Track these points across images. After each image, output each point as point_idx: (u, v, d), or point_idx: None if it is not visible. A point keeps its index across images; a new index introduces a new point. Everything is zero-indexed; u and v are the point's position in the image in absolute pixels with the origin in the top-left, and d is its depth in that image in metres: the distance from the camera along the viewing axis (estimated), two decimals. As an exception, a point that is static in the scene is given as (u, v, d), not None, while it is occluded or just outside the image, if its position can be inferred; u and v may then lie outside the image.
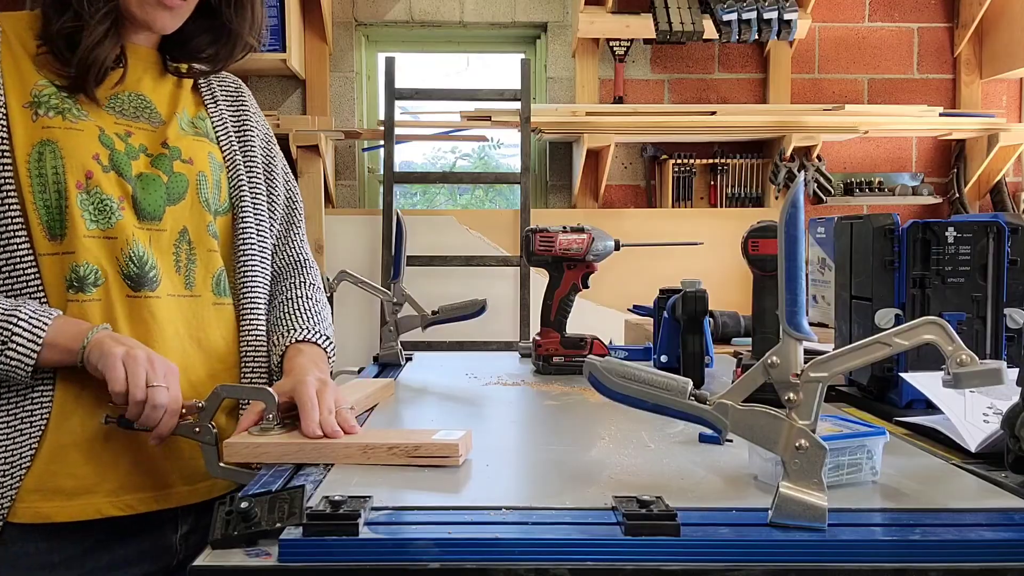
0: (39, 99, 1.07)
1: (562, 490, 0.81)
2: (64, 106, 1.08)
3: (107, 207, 1.07)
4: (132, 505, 1.07)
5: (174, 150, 1.16)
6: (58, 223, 1.05)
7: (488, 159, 4.25)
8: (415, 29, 3.86)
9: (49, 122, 1.06)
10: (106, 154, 1.09)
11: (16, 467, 1.02)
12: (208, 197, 1.18)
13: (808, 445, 0.71)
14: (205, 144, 1.20)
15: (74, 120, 1.08)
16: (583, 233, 1.50)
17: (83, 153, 1.06)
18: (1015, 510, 0.75)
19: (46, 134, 1.05)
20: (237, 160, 1.23)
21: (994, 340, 1.17)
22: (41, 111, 1.06)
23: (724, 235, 3.22)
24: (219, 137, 1.23)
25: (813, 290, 2.59)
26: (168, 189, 1.13)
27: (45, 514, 1.02)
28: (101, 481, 1.05)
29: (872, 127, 3.62)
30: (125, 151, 1.11)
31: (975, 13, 3.73)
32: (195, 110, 1.23)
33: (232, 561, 0.65)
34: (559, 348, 1.50)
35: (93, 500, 1.04)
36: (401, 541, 0.66)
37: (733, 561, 0.65)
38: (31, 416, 1.03)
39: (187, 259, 1.15)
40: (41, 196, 1.05)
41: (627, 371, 0.77)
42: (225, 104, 1.27)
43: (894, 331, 0.74)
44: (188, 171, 1.16)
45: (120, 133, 1.12)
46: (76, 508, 1.04)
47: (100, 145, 1.08)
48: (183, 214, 1.15)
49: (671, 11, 3.45)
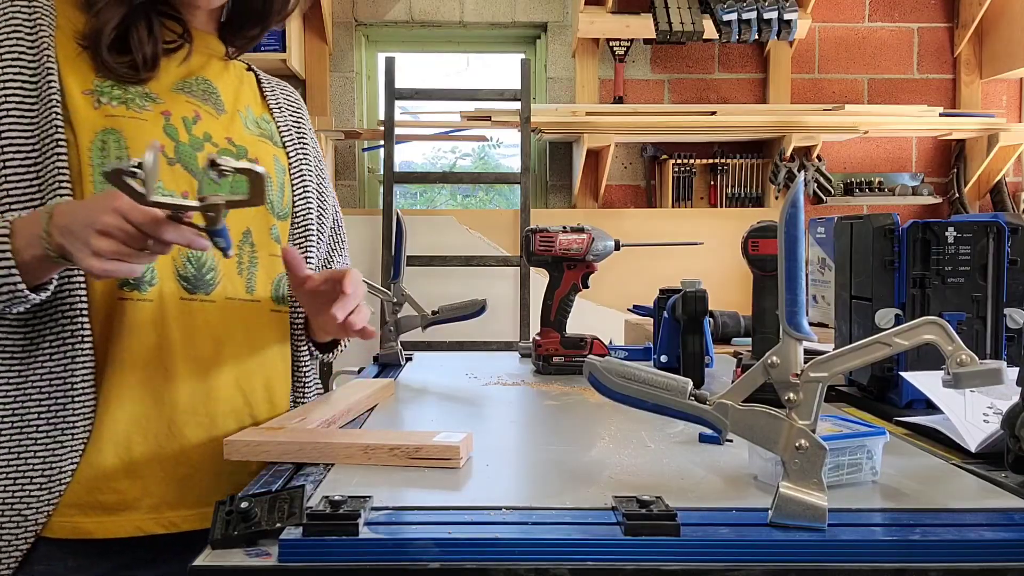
0: (101, 88, 1.01)
1: (562, 490, 0.81)
2: (127, 96, 1.02)
3: None
4: (175, 523, 1.01)
5: (241, 149, 1.12)
6: None
7: (488, 159, 4.25)
8: (415, 29, 3.86)
9: (113, 111, 1.01)
10: (171, 146, 1.03)
11: (56, 482, 0.96)
12: (272, 199, 1.14)
13: (808, 445, 0.71)
14: (270, 147, 1.17)
15: (138, 110, 1.02)
16: (583, 233, 1.50)
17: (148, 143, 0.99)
18: (1015, 510, 0.75)
19: (110, 123, 1.00)
20: (302, 166, 1.21)
21: (994, 340, 1.17)
22: (104, 99, 1.01)
23: (724, 235, 3.22)
24: (285, 142, 1.20)
25: (813, 290, 2.59)
26: (232, 189, 1.08)
27: (85, 530, 0.97)
28: (143, 496, 0.99)
29: (872, 127, 3.62)
30: (190, 142, 1.05)
31: (975, 13, 3.73)
32: (260, 111, 1.20)
33: (232, 561, 0.65)
34: (559, 348, 1.50)
35: (133, 516, 0.99)
36: (401, 541, 0.66)
37: (733, 561, 0.65)
38: (73, 428, 0.97)
39: (249, 261, 1.11)
40: (102, 188, 0.97)
41: (627, 371, 0.77)
42: (288, 112, 1.24)
43: (894, 331, 0.74)
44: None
45: (188, 116, 1.07)
46: (115, 524, 0.98)
47: (165, 136, 1.03)
48: (247, 214, 1.10)
49: (671, 11, 3.45)
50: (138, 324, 1.00)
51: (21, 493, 0.95)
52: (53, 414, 0.96)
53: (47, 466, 0.96)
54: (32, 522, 0.95)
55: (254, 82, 1.22)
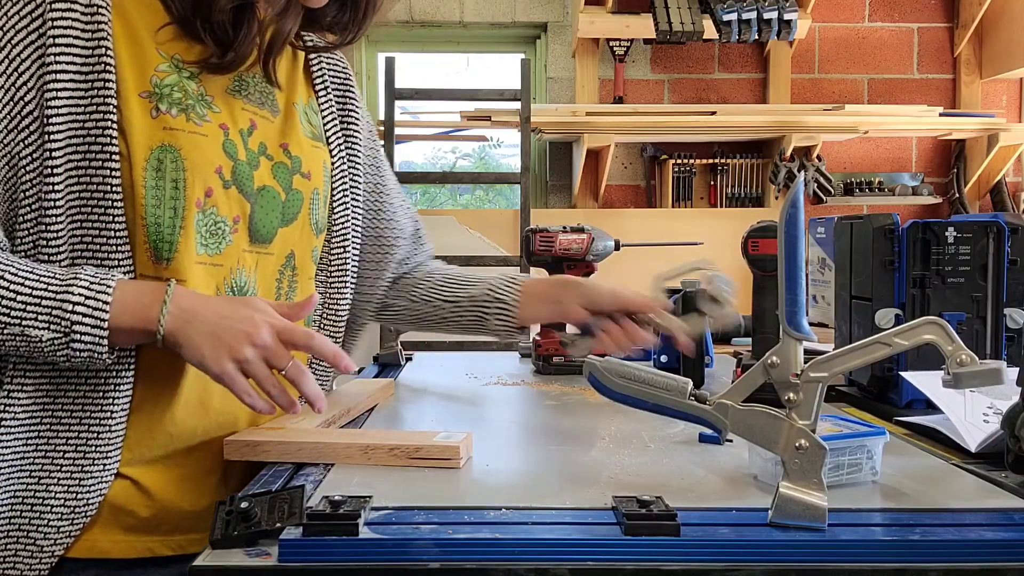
0: (160, 90, 0.90)
1: (562, 490, 0.81)
2: (188, 101, 0.92)
3: (220, 230, 0.94)
4: (183, 546, 0.97)
5: (295, 160, 1.02)
6: (168, 245, 0.90)
7: (488, 159, 4.25)
8: (415, 29, 3.86)
9: (172, 122, 0.90)
10: (229, 166, 0.94)
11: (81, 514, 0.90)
12: (318, 217, 1.06)
13: (808, 445, 0.71)
14: (321, 152, 1.08)
15: (198, 122, 0.92)
16: (583, 233, 1.50)
17: (207, 165, 0.92)
18: (1015, 510, 0.75)
19: (168, 137, 0.89)
20: (343, 168, 1.11)
21: (994, 340, 1.17)
22: (163, 106, 0.90)
23: (724, 235, 3.21)
24: (329, 136, 1.10)
25: (813, 290, 2.59)
26: (284, 208, 1.01)
27: (102, 549, 0.93)
28: (160, 524, 0.96)
29: (872, 127, 3.62)
30: (247, 160, 0.96)
31: (975, 13, 3.73)
32: (308, 96, 1.09)
33: (232, 561, 0.65)
34: (559, 348, 1.50)
35: (147, 539, 0.95)
36: (401, 541, 0.66)
37: (733, 561, 0.65)
38: (106, 458, 0.90)
39: (288, 287, 1.03)
40: (154, 212, 0.89)
41: (627, 371, 0.77)
42: (335, 92, 1.12)
43: (894, 331, 0.74)
44: (305, 188, 1.03)
45: (244, 129, 0.97)
46: (129, 545, 0.94)
47: (223, 155, 0.94)
48: (293, 236, 1.02)
49: (671, 11, 3.45)
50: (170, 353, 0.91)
51: (41, 523, 0.89)
52: (84, 442, 0.89)
53: (72, 495, 0.89)
54: (49, 553, 0.90)
55: (303, 63, 1.11)
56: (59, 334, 0.82)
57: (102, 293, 0.83)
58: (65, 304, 0.82)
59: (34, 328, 0.82)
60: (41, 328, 0.82)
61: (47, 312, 0.82)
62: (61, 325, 0.82)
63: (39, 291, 0.82)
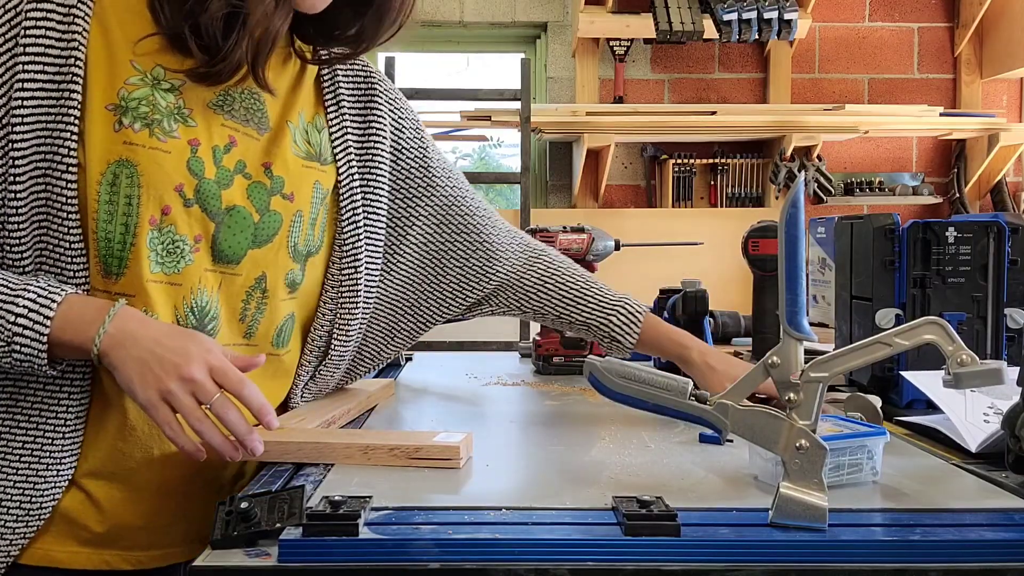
0: (126, 103, 0.88)
1: (562, 490, 0.81)
2: (155, 116, 0.89)
3: (178, 249, 0.91)
4: (142, 561, 0.96)
5: (276, 181, 0.98)
6: (117, 260, 0.89)
7: (488, 159, 4.26)
8: (415, 29, 3.86)
9: (133, 136, 0.88)
10: (192, 185, 0.91)
11: (35, 516, 0.90)
12: (297, 241, 1.01)
13: (808, 445, 0.71)
14: (314, 171, 1.02)
15: (163, 137, 0.89)
16: (583, 233, 1.50)
17: (164, 183, 0.89)
18: (1015, 510, 0.75)
19: (127, 152, 0.87)
20: (355, 187, 1.06)
21: (994, 340, 1.17)
22: (126, 120, 0.88)
23: (724, 235, 3.22)
24: (337, 155, 1.05)
25: (813, 290, 2.59)
26: (257, 231, 0.97)
27: (56, 559, 0.93)
28: (117, 538, 0.95)
29: (872, 127, 3.62)
30: (216, 178, 0.93)
31: (975, 13, 3.74)
32: (314, 111, 1.04)
33: (232, 561, 0.65)
34: (559, 348, 1.50)
35: (103, 552, 0.95)
36: (401, 541, 0.66)
37: (733, 561, 0.65)
38: (59, 464, 0.90)
39: (256, 308, 0.99)
40: (105, 226, 0.88)
41: (627, 371, 0.77)
42: (350, 104, 1.07)
43: (894, 331, 0.74)
44: (285, 210, 0.99)
45: (221, 145, 0.94)
46: (86, 557, 0.94)
47: (187, 173, 0.91)
48: (266, 259, 0.98)
49: (671, 11, 3.45)
50: None
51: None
52: (39, 447, 0.90)
53: (27, 499, 0.90)
54: (4, 554, 0.90)
55: (314, 71, 1.06)
56: (1, 342, 0.83)
57: (46, 307, 0.83)
58: (8, 315, 0.83)
59: None
60: None
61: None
62: (3, 335, 0.83)
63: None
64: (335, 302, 1.07)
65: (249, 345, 1.00)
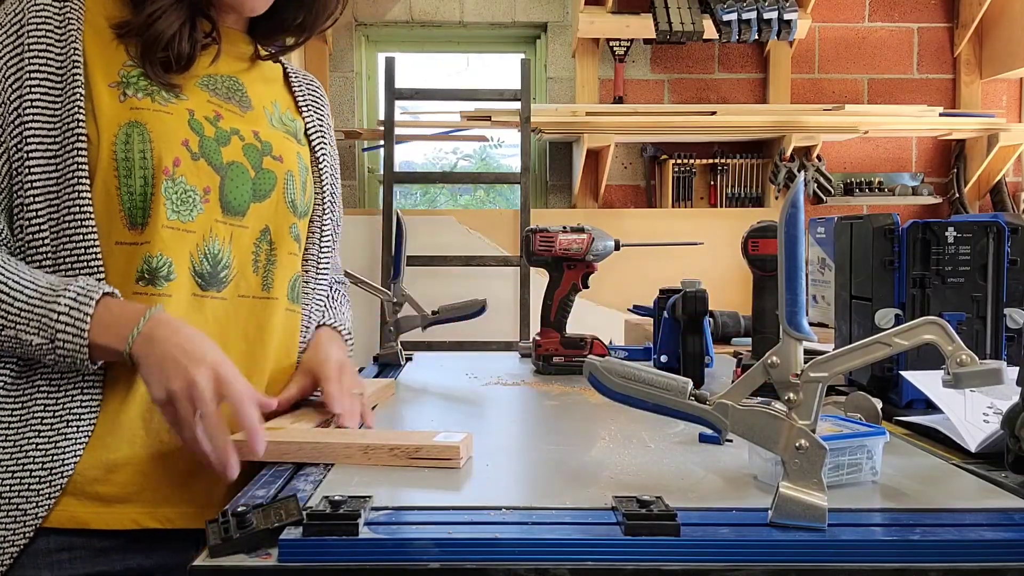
0: (127, 79, 1.01)
1: (562, 490, 0.81)
2: (153, 88, 1.02)
3: (190, 199, 1.01)
4: (171, 519, 0.99)
5: (265, 144, 1.10)
6: (140, 211, 0.98)
7: (489, 159, 4.26)
8: (415, 29, 3.86)
9: (138, 103, 1.00)
10: (195, 140, 1.02)
11: (58, 474, 0.94)
12: (295, 198, 1.12)
13: (808, 445, 0.71)
14: (294, 144, 1.15)
15: (163, 103, 1.01)
16: (583, 233, 1.50)
17: (173, 137, 1.00)
18: (1015, 510, 0.75)
19: (135, 115, 0.99)
20: (324, 165, 1.20)
21: (994, 340, 1.17)
22: (130, 91, 1.00)
23: (724, 235, 3.22)
24: (311, 138, 1.20)
25: (813, 290, 2.59)
26: (255, 185, 1.07)
27: (82, 520, 0.96)
28: (142, 491, 0.98)
29: (872, 127, 3.62)
30: (215, 136, 1.04)
31: (975, 13, 3.74)
32: (287, 108, 1.19)
33: (232, 561, 0.66)
34: (559, 348, 1.50)
35: (130, 510, 0.97)
36: (401, 541, 0.66)
37: (733, 561, 0.65)
38: (79, 420, 0.95)
39: (267, 260, 1.09)
40: (126, 181, 0.98)
41: (627, 371, 0.77)
42: (314, 108, 1.24)
43: (894, 331, 0.74)
44: (277, 168, 1.10)
45: (209, 116, 1.05)
46: (112, 516, 0.97)
47: (189, 130, 1.02)
48: (267, 212, 1.09)
49: (671, 11, 3.45)
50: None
51: (21, 487, 0.93)
52: (60, 406, 0.95)
53: (49, 459, 0.94)
54: (32, 516, 0.94)
55: (281, 77, 1.21)
56: (46, 340, 0.91)
57: (85, 305, 0.91)
58: (51, 313, 0.91)
59: (26, 332, 0.91)
60: (32, 333, 0.91)
61: (37, 319, 0.91)
62: (47, 332, 0.91)
63: (34, 299, 0.92)
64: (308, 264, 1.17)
65: (269, 298, 1.09)
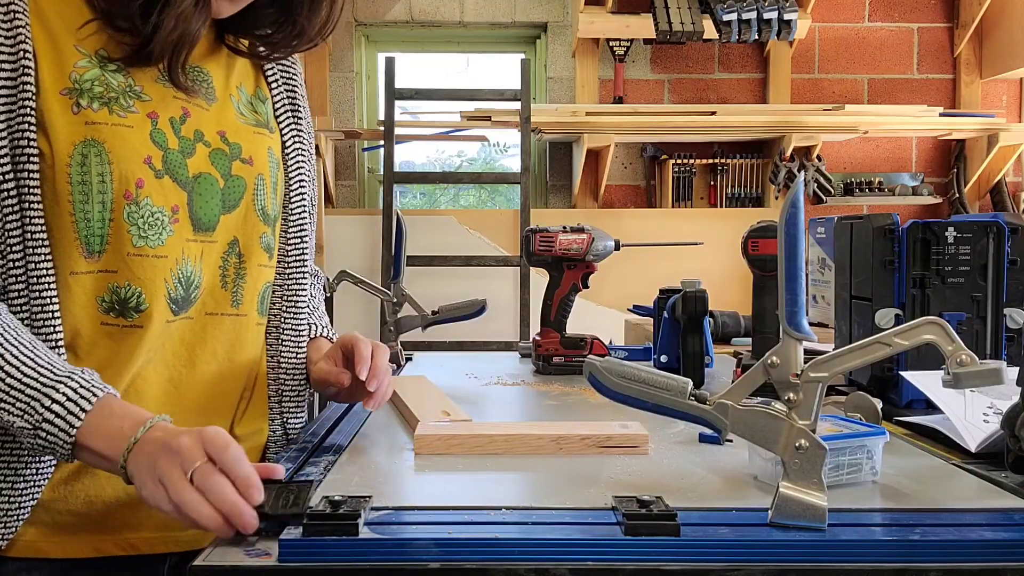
0: (80, 85, 0.89)
1: (562, 490, 0.81)
2: (110, 94, 0.91)
3: (158, 221, 0.92)
4: (135, 545, 0.96)
5: (234, 147, 1.01)
6: (98, 238, 0.90)
7: (490, 160, 4.26)
8: (415, 29, 3.86)
9: (94, 116, 0.89)
10: (159, 156, 0.93)
11: (14, 517, 0.89)
12: (265, 204, 1.04)
13: (808, 445, 0.71)
14: (265, 137, 1.05)
15: (122, 113, 0.91)
16: (583, 233, 1.50)
17: (133, 157, 0.90)
18: (1015, 510, 0.75)
19: (91, 132, 0.88)
20: (297, 153, 1.10)
21: (994, 340, 1.17)
22: (84, 101, 0.89)
23: (724, 235, 3.22)
24: (280, 122, 1.09)
25: (813, 290, 2.59)
26: (224, 195, 0.99)
27: (41, 549, 0.92)
28: (104, 519, 0.94)
29: (872, 127, 3.62)
30: (179, 148, 0.95)
31: (975, 13, 3.73)
32: (254, 87, 1.08)
33: (232, 560, 0.66)
34: (559, 348, 1.50)
35: (92, 538, 0.94)
36: (401, 541, 0.66)
37: (733, 561, 0.65)
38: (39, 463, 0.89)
39: (235, 273, 1.01)
40: (83, 207, 0.88)
41: (627, 371, 0.77)
42: (283, 81, 1.12)
43: (894, 331, 0.74)
44: (247, 174, 1.01)
45: (176, 117, 0.96)
46: (73, 545, 0.93)
47: (152, 145, 0.92)
48: (235, 223, 1.00)
49: (671, 11, 3.45)
50: (120, 351, 0.92)
51: None
52: (17, 445, 0.88)
53: (5, 499, 0.88)
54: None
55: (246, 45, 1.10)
56: (29, 425, 0.80)
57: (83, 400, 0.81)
58: (44, 399, 0.80)
59: (9, 413, 0.81)
60: (16, 415, 0.81)
61: (25, 402, 0.80)
62: (33, 418, 0.80)
63: (29, 378, 0.81)
64: (284, 275, 1.08)
65: (239, 315, 1.02)
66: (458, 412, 1.09)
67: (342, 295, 3.32)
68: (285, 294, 1.09)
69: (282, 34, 1.05)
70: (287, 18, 1.04)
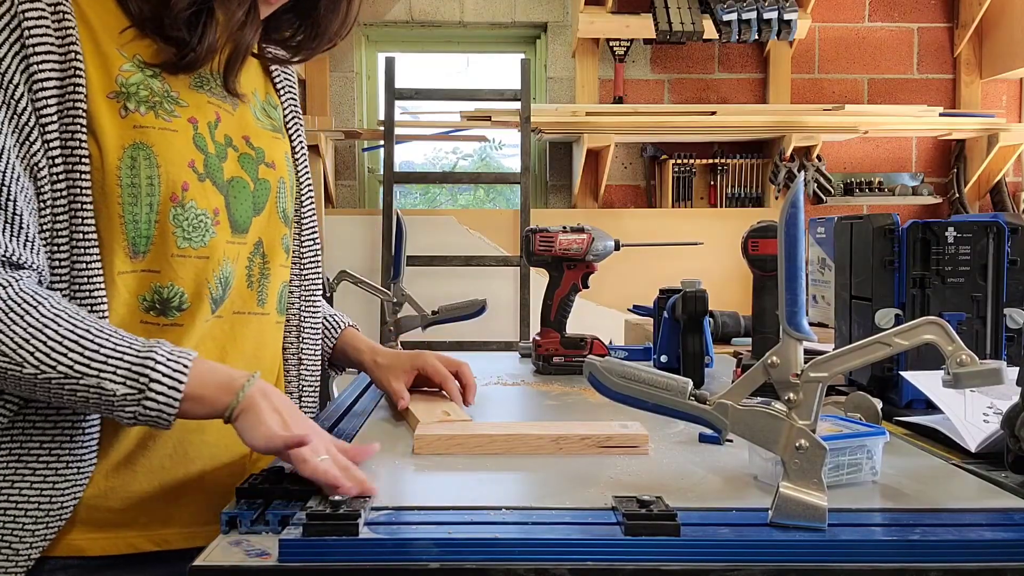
0: (127, 89, 0.91)
1: (562, 490, 0.81)
2: (155, 99, 0.93)
3: (202, 223, 0.95)
4: (167, 540, 0.97)
5: (259, 152, 1.04)
6: (144, 239, 0.92)
7: (489, 159, 4.26)
8: (415, 29, 3.86)
9: (141, 120, 0.91)
10: (201, 160, 0.95)
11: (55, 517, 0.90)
12: (285, 206, 1.08)
13: (808, 445, 0.71)
14: (281, 142, 1.09)
15: (167, 118, 0.93)
16: (583, 233, 1.50)
17: (179, 161, 0.93)
18: (1015, 510, 0.75)
19: (139, 135, 0.90)
20: (304, 158, 1.15)
21: (994, 340, 1.17)
22: (131, 105, 0.91)
23: (724, 235, 3.22)
24: (290, 132, 1.14)
25: (813, 290, 2.59)
26: (254, 198, 1.02)
27: (78, 547, 0.93)
28: (138, 516, 0.96)
29: (872, 127, 3.62)
30: (216, 152, 0.98)
31: (975, 13, 3.73)
32: (265, 93, 1.11)
33: (232, 561, 0.66)
34: (559, 348, 1.50)
35: (126, 534, 0.95)
36: (401, 541, 0.66)
37: (733, 561, 0.65)
38: (80, 461, 0.91)
39: (260, 273, 1.04)
40: (131, 209, 0.90)
41: (627, 371, 0.77)
42: (287, 87, 1.16)
43: (894, 331, 0.74)
44: (271, 177, 1.05)
45: (211, 121, 0.98)
46: (108, 542, 0.94)
47: (195, 149, 0.95)
48: (262, 225, 1.04)
49: (671, 11, 3.45)
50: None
51: (16, 527, 0.89)
52: (58, 445, 0.89)
53: (47, 500, 0.89)
54: (25, 556, 0.89)
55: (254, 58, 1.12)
56: (134, 390, 0.83)
57: (184, 357, 0.85)
58: (148, 361, 0.83)
59: (110, 381, 0.83)
60: (118, 383, 0.83)
61: (127, 368, 0.83)
62: (139, 382, 0.83)
63: (122, 348, 0.84)
64: (301, 276, 1.13)
65: (263, 314, 1.05)
66: (458, 412, 1.09)
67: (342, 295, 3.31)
68: (303, 293, 1.13)
69: (302, 36, 1.08)
70: (307, 20, 1.07)
